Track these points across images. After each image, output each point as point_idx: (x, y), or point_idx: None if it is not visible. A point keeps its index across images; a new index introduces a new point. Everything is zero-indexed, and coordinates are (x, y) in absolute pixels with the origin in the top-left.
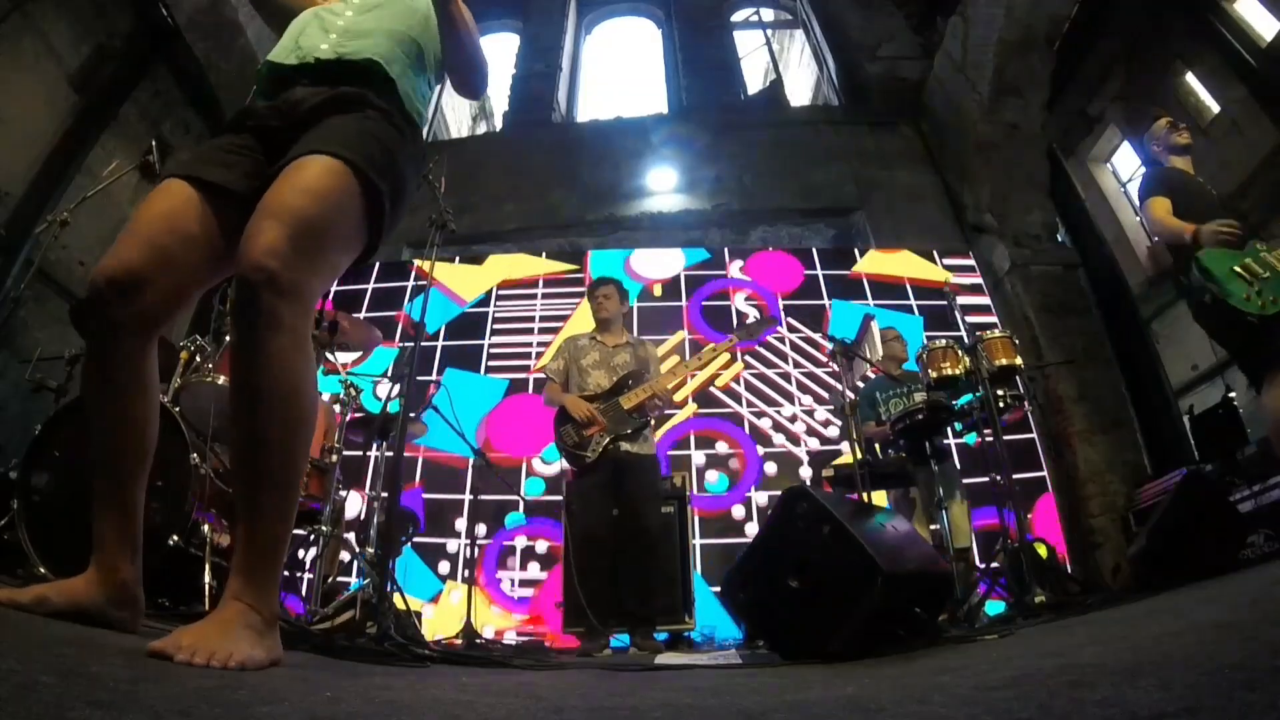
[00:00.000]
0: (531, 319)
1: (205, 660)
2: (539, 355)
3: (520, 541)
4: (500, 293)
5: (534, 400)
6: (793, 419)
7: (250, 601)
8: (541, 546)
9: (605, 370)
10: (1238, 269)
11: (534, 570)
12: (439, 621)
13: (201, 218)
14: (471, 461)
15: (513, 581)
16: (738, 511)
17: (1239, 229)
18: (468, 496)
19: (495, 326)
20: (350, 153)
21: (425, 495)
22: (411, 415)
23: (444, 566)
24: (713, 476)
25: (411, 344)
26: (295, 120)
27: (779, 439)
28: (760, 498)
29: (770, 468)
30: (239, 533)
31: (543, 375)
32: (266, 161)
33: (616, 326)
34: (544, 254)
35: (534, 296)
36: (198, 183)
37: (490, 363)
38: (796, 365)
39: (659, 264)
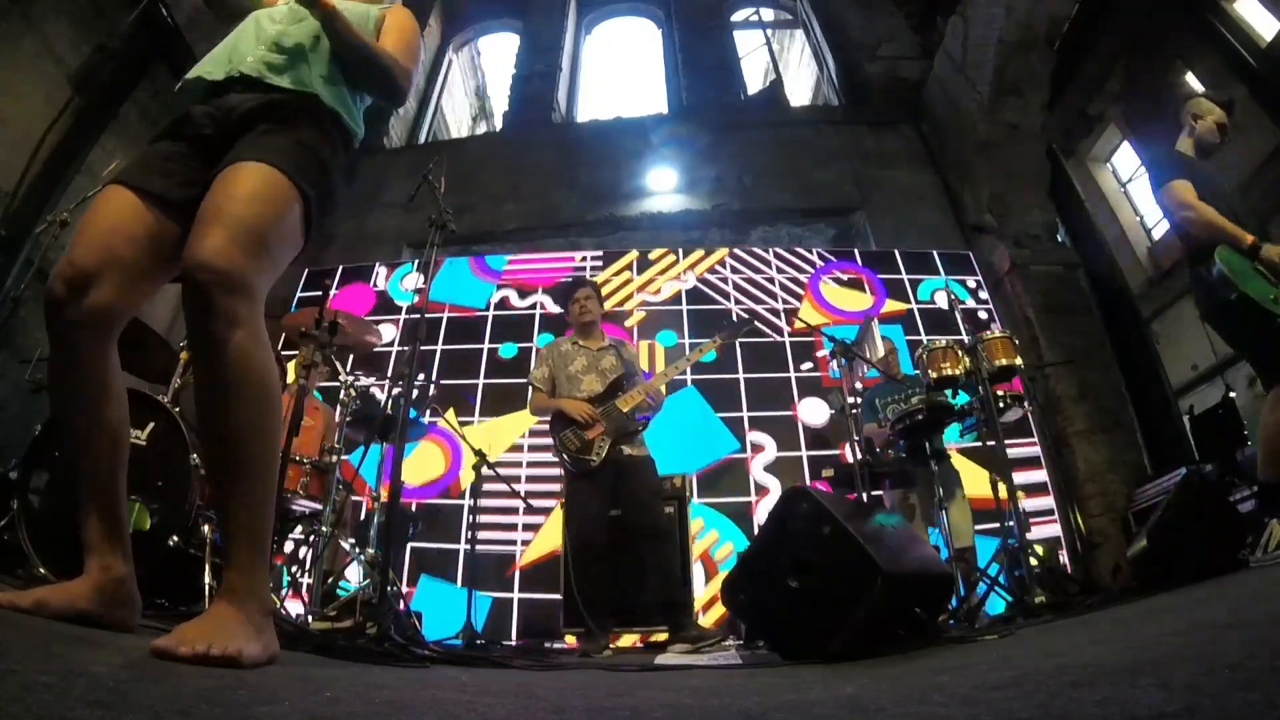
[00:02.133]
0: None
1: (206, 648)
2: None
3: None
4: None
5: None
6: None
7: (244, 595)
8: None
9: (595, 374)
10: (1259, 268)
11: None
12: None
13: (144, 222)
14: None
15: None
16: None
17: None
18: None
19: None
20: (282, 161)
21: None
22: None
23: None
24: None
25: (411, 345)
26: (229, 126)
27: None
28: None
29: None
30: (224, 529)
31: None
32: (203, 167)
33: (596, 330)
34: (544, 254)
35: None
36: (136, 190)
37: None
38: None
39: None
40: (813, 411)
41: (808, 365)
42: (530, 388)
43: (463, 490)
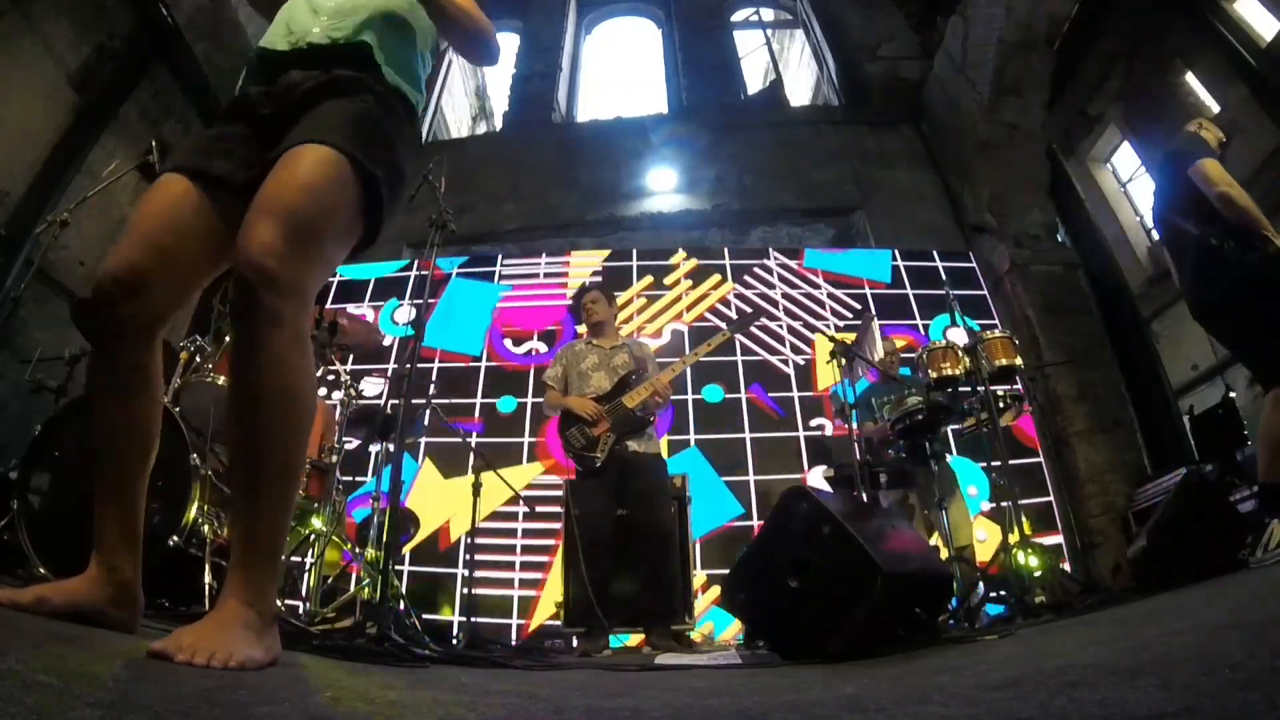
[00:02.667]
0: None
1: (205, 660)
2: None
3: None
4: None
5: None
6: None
7: (249, 600)
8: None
9: (605, 371)
10: None
11: None
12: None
13: (201, 211)
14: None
15: None
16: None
17: None
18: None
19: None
20: (344, 141)
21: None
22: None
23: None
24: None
25: (412, 342)
26: (289, 106)
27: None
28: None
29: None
30: (236, 531)
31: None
32: (261, 149)
33: (610, 329)
34: (544, 254)
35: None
36: (196, 176)
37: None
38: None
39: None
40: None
41: (816, 422)
42: (545, 386)
43: (452, 542)
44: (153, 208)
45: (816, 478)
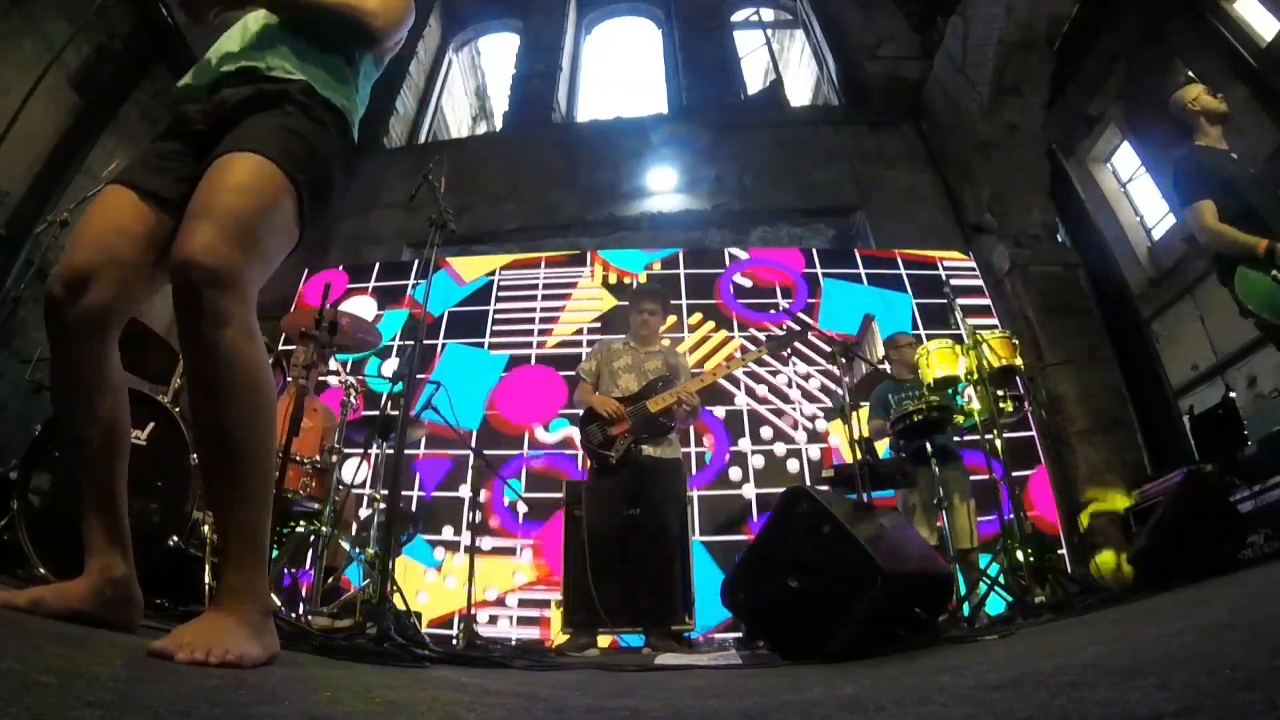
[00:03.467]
0: (535, 287)
1: (204, 655)
2: (542, 323)
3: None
4: (503, 271)
5: (536, 371)
6: (794, 425)
7: (243, 596)
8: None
9: (636, 374)
10: (1277, 275)
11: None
12: (435, 601)
13: (142, 220)
14: (471, 462)
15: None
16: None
17: None
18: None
19: (500, 294)
20: (267, 148)
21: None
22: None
23: (439, 551)
24: None
25: (412, 343)
26: (220, 121)
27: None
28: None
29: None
30: (221, 529)
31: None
32: (196, 164)
33: (653, 338)
34: (544, 254)
35: (536, 278)
36: (135, 188)
37: (495, 329)
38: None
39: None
40: None
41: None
42: (579, 379)
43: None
44: (94, 214)
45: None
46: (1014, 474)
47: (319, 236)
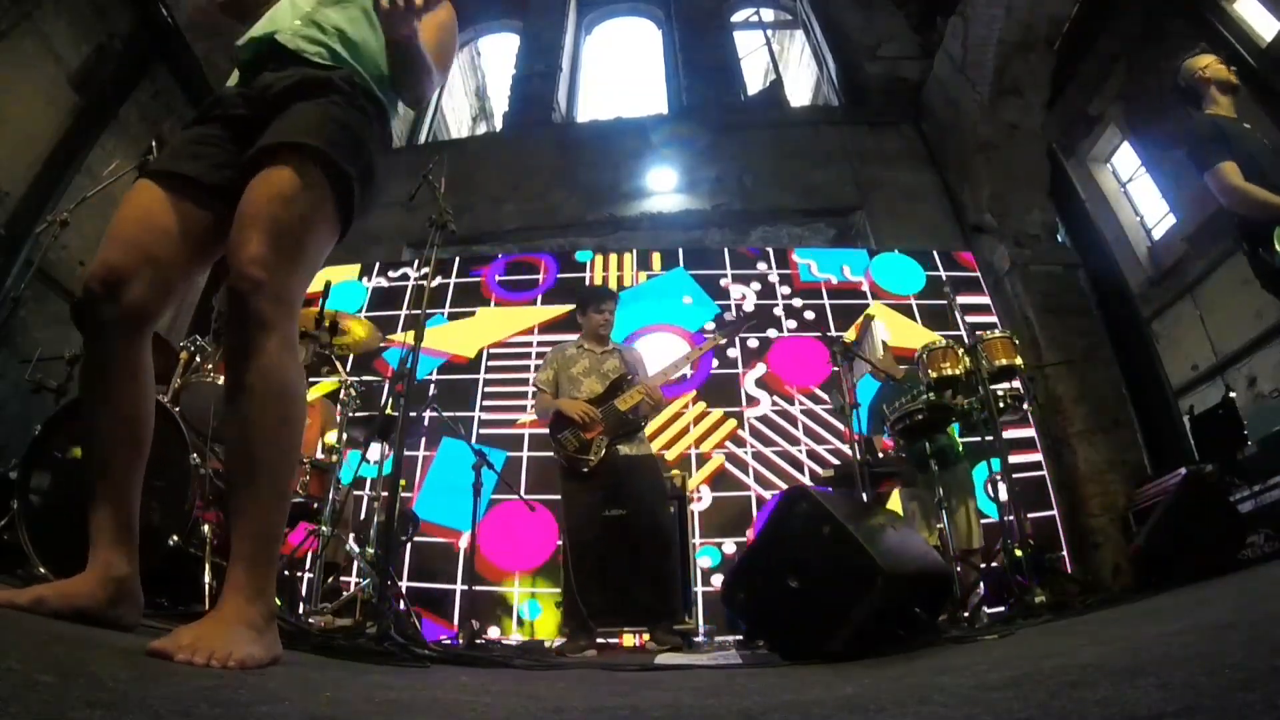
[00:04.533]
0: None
1: (205, 659)
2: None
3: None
4: (491, 351)
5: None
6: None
7: (249, 598)
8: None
9: (597, 376)
10: None
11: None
12: None
13: (176, 211)
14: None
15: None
16: None
17: None
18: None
19: (486, 390)
20: (315, 140)
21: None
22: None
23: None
24: None
25: (411, 345)
26: (262, 107)
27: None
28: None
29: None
30: (235, 530)
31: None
32: (236, 149)
33: (607, 333)
34: (544, 254)
35: (527, 355)
36: (170, 178)
37: (481, 431)
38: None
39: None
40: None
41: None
42: (535, 390)
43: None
44: (128, 210)
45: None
46: (1014, 474)
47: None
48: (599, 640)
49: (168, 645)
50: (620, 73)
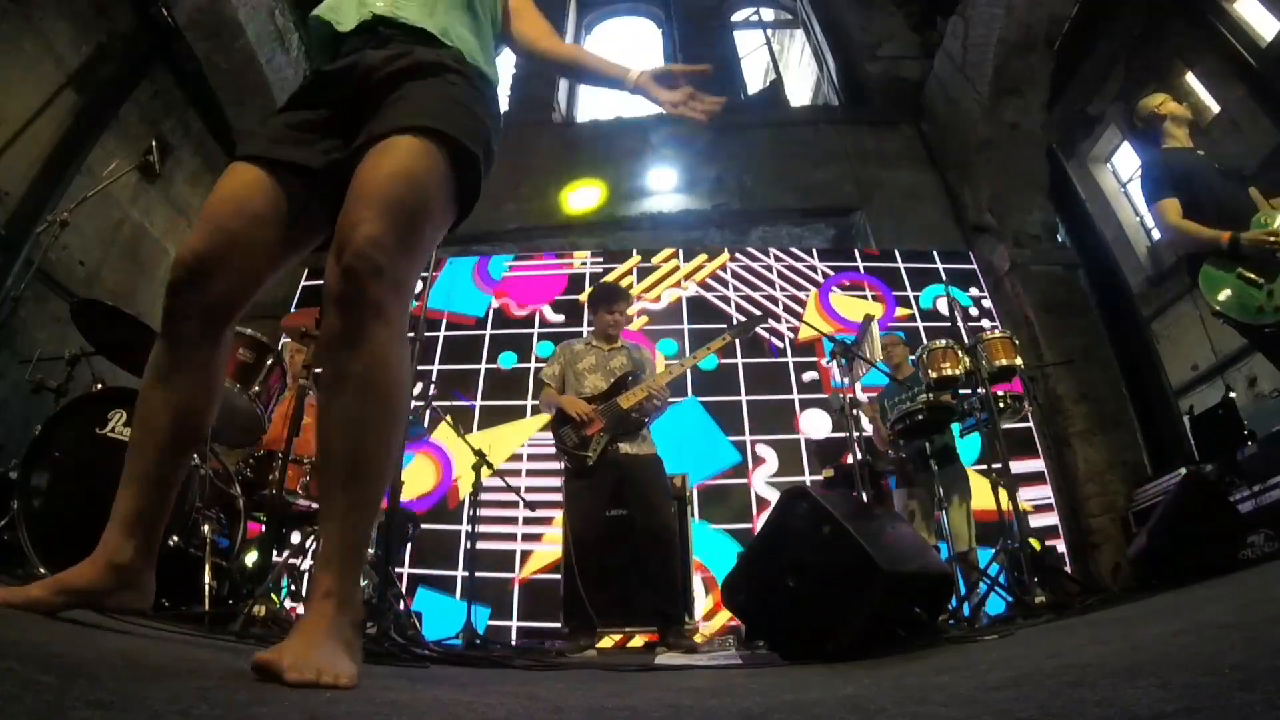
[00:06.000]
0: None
1: (314, 676)
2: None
3: None
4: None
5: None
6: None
7: (342, 602)
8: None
9: (602, 373)
10: (1245, 272)
11: None
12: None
13: (271, 198)
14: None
15: None
16: None
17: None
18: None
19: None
20: (442, 124)
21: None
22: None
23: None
24: None
25: (412, 338)
26: (370, 88)
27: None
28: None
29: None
30: (325, 533)
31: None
32: (340, 133)
33: (618, 332)
34: (544, 254)
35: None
36: (268, 162)
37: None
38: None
39: None
40: (815, 424)
41: (810, 376)
42: (542, 384)
43: (461, 500)
44: (220, 194)
45: (810, 422)
46: (1014, 472)
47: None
48: (601, 632)
49: (274, 660)
50: None
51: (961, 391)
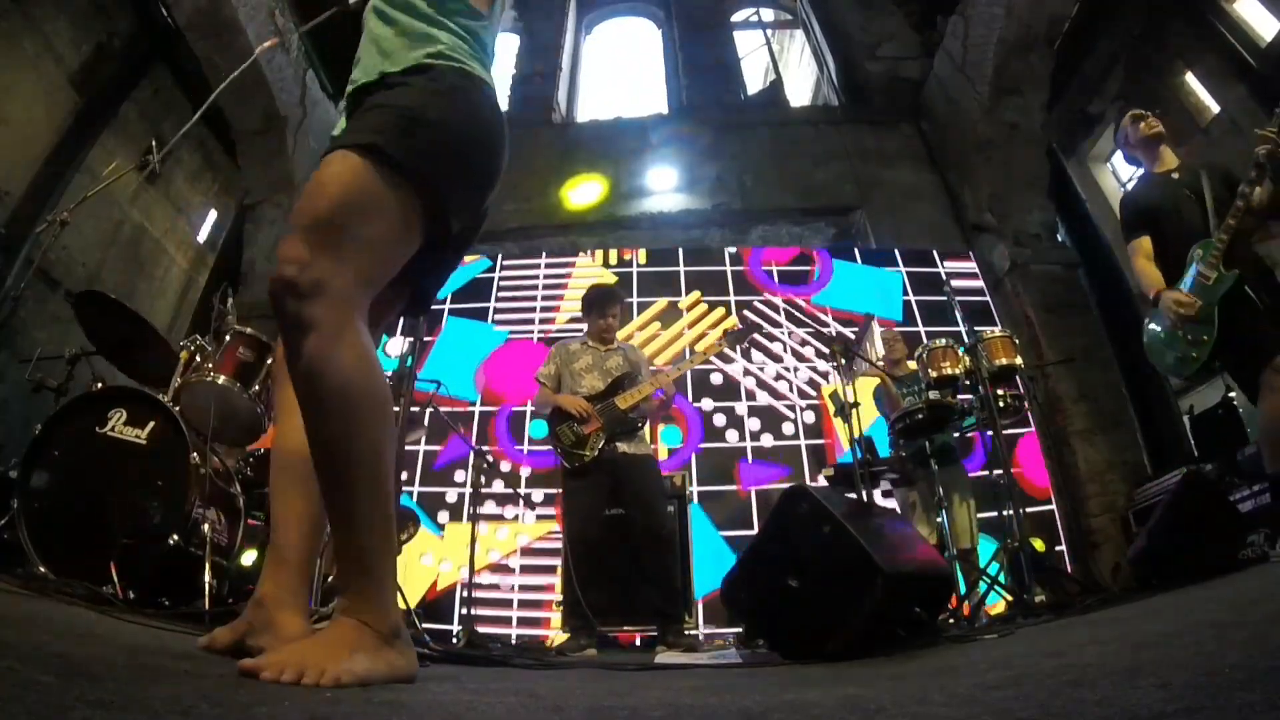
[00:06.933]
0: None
1: (295, 678)
2: (544, 306)
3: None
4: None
5: (534, 347)
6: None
7: (359, 618)
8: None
9: (599, 373)
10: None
11: None
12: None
13: None
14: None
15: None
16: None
17: (1195, 308)
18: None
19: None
20: (351, 138)
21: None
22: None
23: (443, 515)
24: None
25: (413, 338)
26: None
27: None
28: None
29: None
30: (335, 548)
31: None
32: None
33: (612, 335)
34: (544, 254)
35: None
36: None
37: (498, 308)
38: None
39: None
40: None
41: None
42: (538, 384)
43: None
44: None
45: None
46: (1013, 471)
47: (474, 222)
48: (601, 630)
49: (258, 664)
50: (620, 73)
51: (962, 397)
